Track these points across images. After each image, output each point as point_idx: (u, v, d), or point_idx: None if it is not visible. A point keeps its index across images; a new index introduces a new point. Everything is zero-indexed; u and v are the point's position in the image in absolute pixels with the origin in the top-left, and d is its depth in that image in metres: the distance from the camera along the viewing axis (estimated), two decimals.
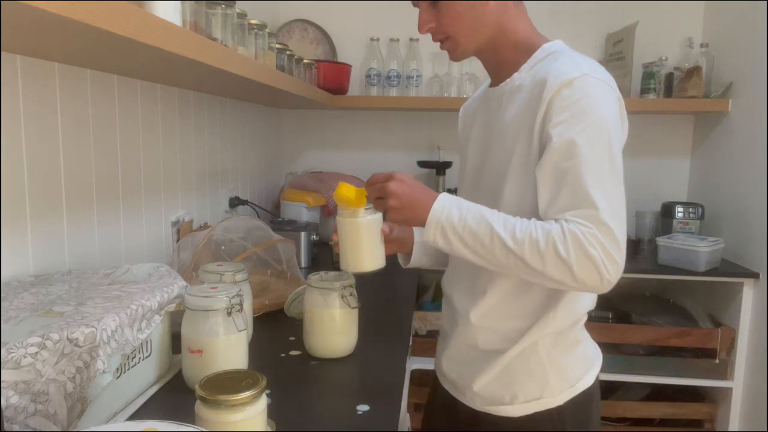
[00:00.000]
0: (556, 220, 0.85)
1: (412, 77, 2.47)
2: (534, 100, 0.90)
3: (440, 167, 2.49)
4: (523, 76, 0.96)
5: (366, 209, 0.98)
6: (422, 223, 0.89)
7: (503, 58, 0.99)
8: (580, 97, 0.85)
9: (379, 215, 1.00)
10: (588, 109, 0.85)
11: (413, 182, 0.92)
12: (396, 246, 1.10)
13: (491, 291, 0.99)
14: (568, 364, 0.99)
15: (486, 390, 1.01)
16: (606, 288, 0.83)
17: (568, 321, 0.97)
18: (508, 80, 0.98)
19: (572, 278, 0.82)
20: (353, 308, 1.11)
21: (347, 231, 1.00)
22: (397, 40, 2.47)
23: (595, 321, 2.14)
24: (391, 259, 1.05)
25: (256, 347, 1.07)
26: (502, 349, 0.99)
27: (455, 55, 1.01)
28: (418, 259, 1.13)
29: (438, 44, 1.01)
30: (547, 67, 0.91)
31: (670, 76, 2.34)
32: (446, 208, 0.88)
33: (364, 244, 1.00)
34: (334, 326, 1.07)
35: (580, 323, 1.01)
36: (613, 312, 2.26)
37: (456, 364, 1.07)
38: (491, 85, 1.04)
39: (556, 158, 0.85)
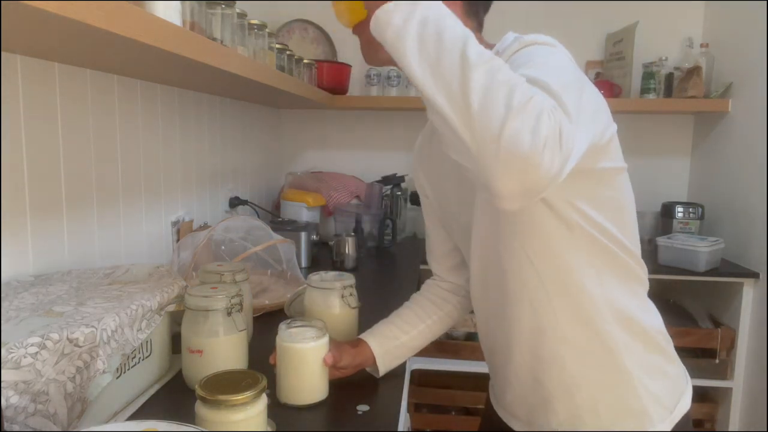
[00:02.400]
0: None
1: None
2: None
3: None
4: None
5: (312, 333, 0.92)
6: None
7: None
8: (533, 49, 0.73)
9: (324, 340, 0.92)
10: (544, 53, 0.72)
11: None
12: (350, 370, 1.00)
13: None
14: (664, 389, 0.89)
15: (571, 426, 0.89)
16: (531, 180, 0.58)
17: (638, 326, 0.86)
18: None
19: (497, 134, 0.57)
20: (353, 308, 1.11)
21: (288, 356, 0.90)
22: None
23: None
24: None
25: (256, 347, 1.07)
26: (583, 382, 0.87)
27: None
28: (389, 367, 1.02)
29: None
30: (508, 54, 0.78)
31: (670, 76, 2.34)
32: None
33: (306, 372, 0.91)
34: (334, 326, 1.07)
35: (665, 339, 0.92)
36: None
37: (522, 400, 0.95)
38: None
39: None
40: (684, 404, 0.91)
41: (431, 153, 1.02)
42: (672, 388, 0.91)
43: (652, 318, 0.90)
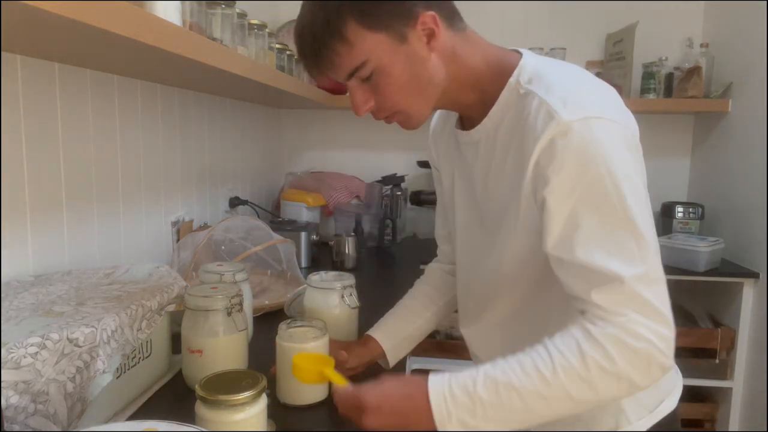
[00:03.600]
0: (583, 315, 0.71)
1: None
2: (519, 155, 0.75)
3: None
4: (495, 121, 0.81)
5: (312, 333, 0.91)
6: (432, 425, 0.70)
7: (468, 102, 0.84)
8: (577, 148, 0.69)
9: (324, 340, 0.92)
10: (588, 162, 0.69)
11: (390, 404, 0.72)
12: (361, 367, 1.00)
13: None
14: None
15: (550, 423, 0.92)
16: (669, 367, 0.70)
17: None
18: (479, 127, 0.83)
19: (632, 386, 0.69)
20: (353, 308, 1.11)
21: (288, 356, 0.89)
22: None
23: None
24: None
25: (256, 347, 1.07)
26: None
27: (410, 126, 0.84)
28: (398, 357, 1.03)
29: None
30: (530, 108, 0.74)
31: (670, 76, 2.34)
32: (448, 401, 0.69)
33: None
34: (334, 326, 1.07)
35: None
36: None
37: None
38: (462, 127, 0.90)
39: (558, 232, 0.71)
40: (668, 405, 0.89)
41: (443, 135, 0.99)
42: (654, 387, 0.86)
43: None
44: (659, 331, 0.68)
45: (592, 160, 0.69)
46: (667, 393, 0.89)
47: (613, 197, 0.69)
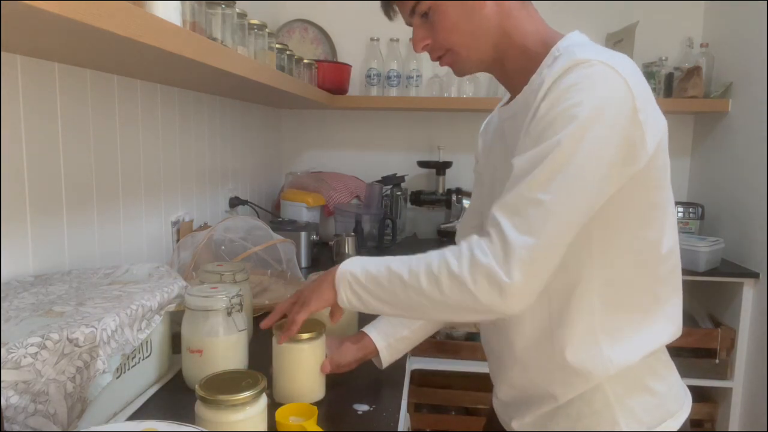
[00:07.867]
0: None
1: (412, 77, 2.47)
2: (531, 104, 0.77)
3: (440, 167, 2.48)
4: (531, 88, 0.82)
5: (309, 333, 0.92)
6: (333, 294, 0.85)
7: (513, 68, 0.87)
8: (582, 74, 0.72)
9: (321, 340, 0.94)
10: (581, 90, 0.72)
11: (314, 283, 0.90)
12: (354, 363, 1.01)
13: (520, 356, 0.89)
14: (642, 405, 0.84)
15: (542, 426, 0.90)
16: (516, 302, 0.72)
17: (636, 356, 0.83)
18: (518, 96, 0.85)
19: (472, 298, 0.73)
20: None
21: (284, 356, 0.91)
22: (397, 40, 2.48)
23: None
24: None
25: (256, 347, 1.07)
26: (556, 394, 0.86)
27: (458, 69, 0.89)
28: (391, 359, 1.04)
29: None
30: (555, 63, 0.77)
31: (670, 76, 2.34)
32: (347, 265, 0.85)
33: (302, 372, 0.92)
34: (333, 326, 1.07)
35: (656, 357, 0.86)
36: None
37: (504, 406, 0.98)
38: (505, 103, 0.92)
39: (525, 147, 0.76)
40: (671, 425, 0.86)
41: (492, 122, 1.00)
42: (655, 406, 0.86)
43: (650, 336, 0.86)
44: (510, 259, 0.71)
45: (585, 88, 0.72)
46: (670, 414, 0.86)
47: (570, 136, 0.71)
